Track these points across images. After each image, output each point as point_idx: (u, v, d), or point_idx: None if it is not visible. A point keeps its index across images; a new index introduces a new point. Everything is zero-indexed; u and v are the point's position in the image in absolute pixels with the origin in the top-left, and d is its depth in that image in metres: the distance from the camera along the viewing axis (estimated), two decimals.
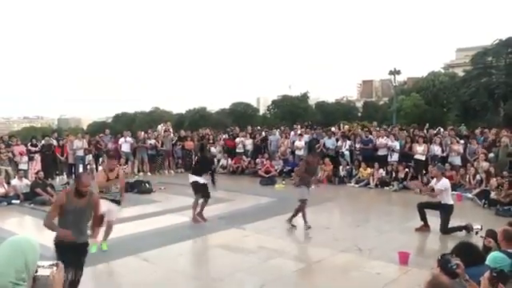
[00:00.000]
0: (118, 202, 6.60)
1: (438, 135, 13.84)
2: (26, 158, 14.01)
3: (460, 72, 37.21)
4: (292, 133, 16.48)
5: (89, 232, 4.69)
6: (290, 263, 6.13)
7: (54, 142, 15.50)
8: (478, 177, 11.14)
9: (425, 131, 14.76)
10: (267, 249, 6.72)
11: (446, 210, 7.62)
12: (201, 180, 8.51)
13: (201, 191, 8.46)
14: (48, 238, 4.26)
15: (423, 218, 7.76)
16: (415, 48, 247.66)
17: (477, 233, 6.99)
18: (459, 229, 7.48)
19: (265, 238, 7.34)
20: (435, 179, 7.96)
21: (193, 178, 8.54)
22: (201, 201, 8.49)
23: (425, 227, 7.73)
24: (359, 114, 50.28)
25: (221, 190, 11.24)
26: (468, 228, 7.43)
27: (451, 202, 7.73)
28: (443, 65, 50.62)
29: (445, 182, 7.80)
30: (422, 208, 7.83)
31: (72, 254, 4.15)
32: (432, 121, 17.42)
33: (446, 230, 7.52)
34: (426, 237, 7.55)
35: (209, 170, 8.93)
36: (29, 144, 15.06)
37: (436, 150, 12.72)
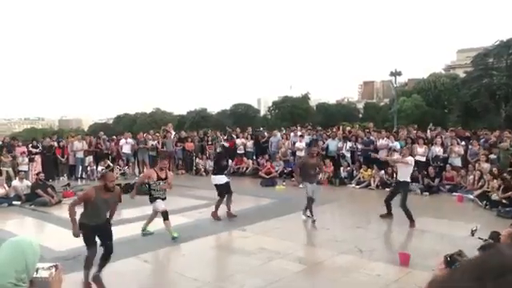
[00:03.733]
0: (165, 199, 7.59)
1: (438, 136, 13.83)
2: (26, 159, 14.05)
3: (461, 73, 37.20)
4: (292, 134, 16.48)
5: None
6: (290, 265, 6.11)
7: (55, 144, 15.53)
8: (481, 181, 11.05)
9: (428, 131, 14.76)
10: (268, 250, 6.71)
11: (405, 186, 8.43)
12: (222, 180, 8.90)
13: (224, 190, 8.89)
14: (48, 239, 4.25)
15: (389, 209, 8.70)
16: (416, 49, 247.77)
17: (473, 234, 6.98)
18: (410, 217, 8.03)
19: (265, 240, 7.33)
20: (402, 155, 8.73)
21: (215, 179, 9.00)
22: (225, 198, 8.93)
23: (388, 215, 8.69)
24: (360, 116, 50.28)
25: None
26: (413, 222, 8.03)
27: (409, 180, 8.64)
28: (444, 66, 50.67)
29: (412, 158, 8.70)
30: (389, 201, 8.70)
31: (98, 232, 5.26)
32: (433, 122, 17.37)
33: (404, 205, 8.15)
34: (427, 238, 7.53)
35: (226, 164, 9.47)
36: (30, 145, 15.09)
37: (437, 150, 12.71)
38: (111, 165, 15.48)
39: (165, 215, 7.33)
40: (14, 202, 10.83)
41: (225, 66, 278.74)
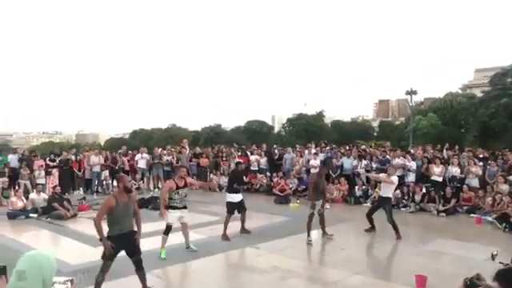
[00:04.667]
0: (185, 207, 7.53)
1: (455, 156, 13.64)
2: (43, 173, 14.27)
3: (478, 93, 36.86)
4: (306, 151, 16.44)
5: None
6: (304, 284, 6.04)
7: (72, 157, 15.75)
8: (501, 203, 10.79)
9: (444, 151, 14.59)
10: (281, 269, 6.65)
11: (388, 202, 9.04)
12: (235, 198, 8.83)
13: (235, 208, 8.83)
14: (63, 252, 4.28)
15: (371, 222, 9.25)
16: (432, 68, 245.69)
17: (493, 258, 6.80)
18: (397, 229, 8.70)
19: (279, 258, 7.27)
20: (387, 174, 9.18)
21: (228, 197, 8.94)
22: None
23: (371, 229, 9.23)
24: (375, 134, 50.06)
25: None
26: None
27: (390, 196, 9.23)
28: (461, 85, 50.30)
29: (396, 178, 9.27)
30: (370, 215, 9.25)
31: (123, 242, 5.20)
32: (449, 141, 17.18)
33: (391, 219, 8.77)
34: (444, 260, 7.38)
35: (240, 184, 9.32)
36: (47, 159, 15.33)
37: (454, 171, 12.52)
38: None
39: (166, 229, 7.31)
40: (31, 215, 10.97)
41: (239, 83, 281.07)
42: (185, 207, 7.53)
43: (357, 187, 13.72)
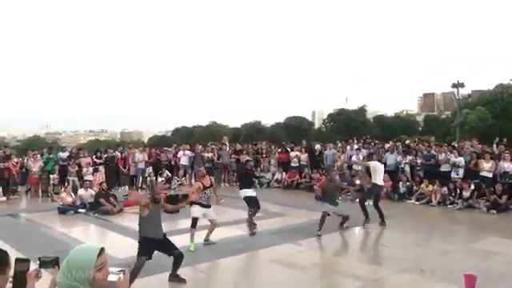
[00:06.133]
0: (209, 206, 7.71)
1: (507, 151, 12.95)
2: (91, 170, 14.81)
3: None
4: (348, 147, 16.15)
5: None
6: (345, 281, 5.95)
7: (119, 155, 16.23)
8: None
9: (494, 146, 13.92)
10: (322, 265, 6.58)
11: (378, 187, 9.51)
12: (249, 193, 9.00)
13: (252, 203, 8.92)
14: (109, 246, 4.40)
15: (366, 212, 9.34)
16: (480, 60, 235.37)
17: None
18: (381, 215, 9.24)
19: (320, 255, 7.21)
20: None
21: (243, 192, 9.07)
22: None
23: (366, 219, 9.29)
24: (420, 129, 48.57)
25: (275, 204, 11.29)
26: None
27: (381, 183, 9.71)
28: None
29: (376, 164, 9.76)
30: (363, 203, 9.45)
31: (158, 246, 5.50)
32: (500, 136, 16.33)
33: (377, 204, 9.36)
34: (495, 259, 7.03)
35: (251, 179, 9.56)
36: (94, 156, 15.88)
37: (506, 166, 11.88)
38: (169, 175, 15.97)
39: (193, 222, 7.54)
40: (80, 210, 11.41)
41: (279, 79, 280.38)
42: (209, 206, 7.74)
43: (401, 183, 13.33)
